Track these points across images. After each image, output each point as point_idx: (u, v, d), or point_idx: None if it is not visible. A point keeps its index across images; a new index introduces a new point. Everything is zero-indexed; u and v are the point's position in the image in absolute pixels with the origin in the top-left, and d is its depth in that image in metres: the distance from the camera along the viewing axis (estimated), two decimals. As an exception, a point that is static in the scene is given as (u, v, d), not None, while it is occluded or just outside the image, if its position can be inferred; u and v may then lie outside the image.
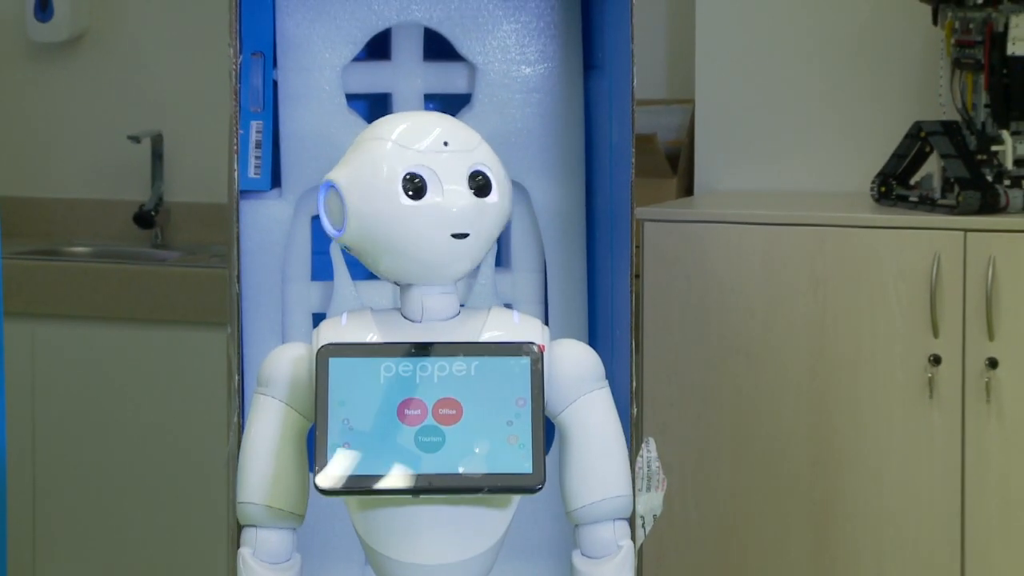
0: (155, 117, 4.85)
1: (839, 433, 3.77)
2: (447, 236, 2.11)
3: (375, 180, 2.11)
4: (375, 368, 2.12)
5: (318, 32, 3.03)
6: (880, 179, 3.92)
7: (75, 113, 4.95)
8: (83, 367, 4.49)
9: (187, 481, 4.29)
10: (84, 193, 4.92)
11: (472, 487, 2.10)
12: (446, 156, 2.12)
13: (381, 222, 2.11)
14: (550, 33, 3.07)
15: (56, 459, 4.46)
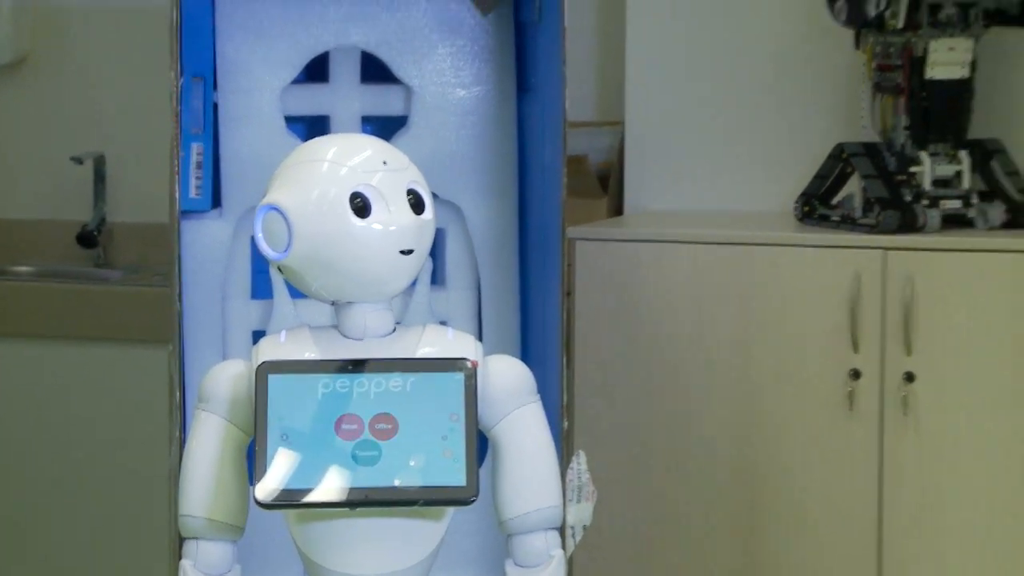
0: (97, 139, 4.84)
1: (763, 444, 3.78)
2: (395, 253, 2.12)
3: (322, 202, 2.11)
4: (313, 384, 2.13)
5: (257, 55, 3.03)
6: (803, 199, 3.95)
7: (18, 135, 4.93)
8: (27, 384, 4.48)
9: (130, 494, 4.27)
10: (27, 214, 4.91)
11: (407, 500, 2.10)
12: (385, 175, 2.13)
13: (331, 242, 2.11)
14: (484, 57, 3.08)
15: (4, 472, 4.44)
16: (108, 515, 4.38)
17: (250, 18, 3.04)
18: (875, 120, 3.89)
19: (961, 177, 3.83)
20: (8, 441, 4.46)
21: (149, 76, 3.53)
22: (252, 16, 3.04)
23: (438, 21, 3.07)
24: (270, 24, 3.05)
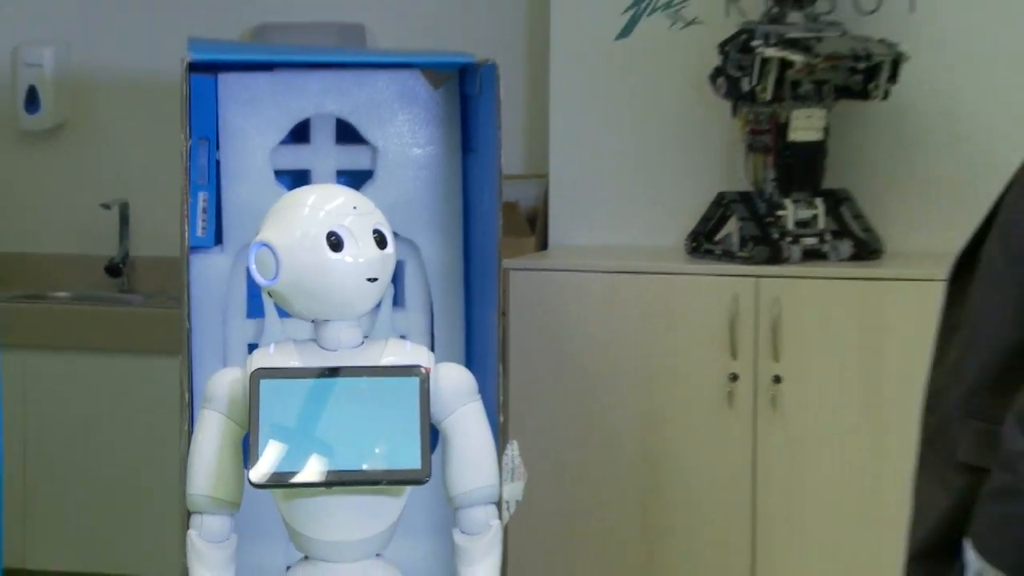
0: (122, 189, 4.80)
1: (659, 434, 3.78)
2: (363, 280, 2.13)
3: (304, 239, 2.12)
4: (297, 387, 2.13)
5: (251, 122, 3.03)
6: (692, 236, 3.94)
7: (57, 186, 4.89)
8: (64, 388, 4.45)
9: (147, 476, 4.24)
10: (65, 249, 4.86)
11: (373, 480, 2.11)
12: (355, 218, 2.14)
13: (311, 271, 2.12)
14: (435, 123, 3.08)
15: (44, 459, 4.40)
16: (131, 492, 4.34)
17: (245, 92, 3.04)
18: (749, 173, 3.90)
19: (817, 219, 3.83)
20: (48, 432, 4.41)
21: (164, 138, 3.51)
22: (247, 90, 3.04)
23: (398, 94, 3.07)
24: (262, 96, 3.04)
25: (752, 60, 3.72)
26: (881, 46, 3.82)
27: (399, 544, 2.26)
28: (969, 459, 1.95)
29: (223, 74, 3.03)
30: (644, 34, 4.17)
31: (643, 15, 4.17)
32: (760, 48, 3.72)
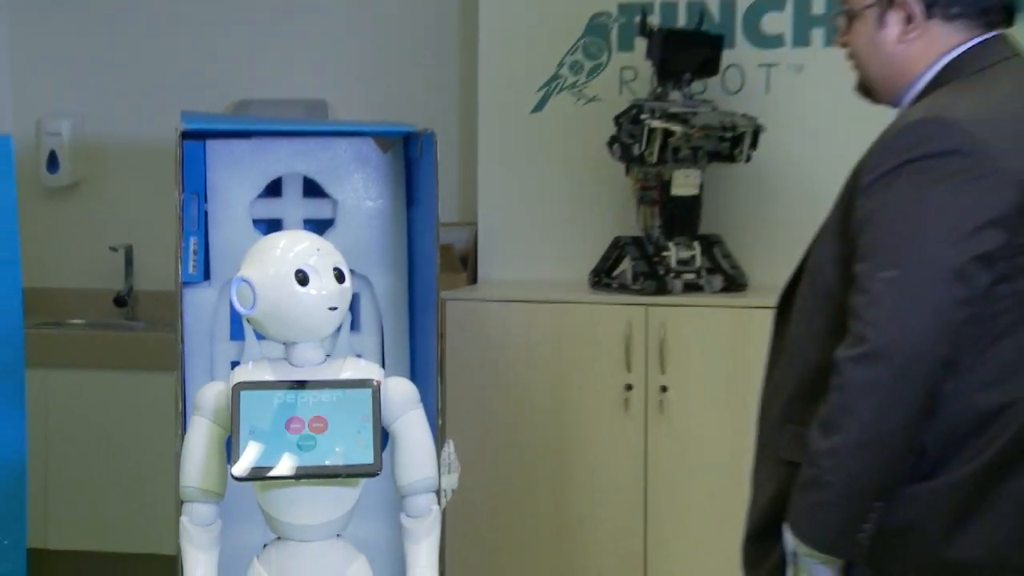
0: (127, 234, 4.77)
1: (570, 435, 3.78)
2: (325, 309, 2.11)
3: (276, 276, 2.10)
4: (270, 397, 2.11)
5: (234, 179, 3.01)
6: (594, 273, 3.95)
7: (74, 232, 4.87)
8: (78, 399, 4.41)
9: (147, 470, 4.21)
10: (79, 284, 4.83)
11: (334, 473, 2.09)
12: (318, 258, 2.12)
13: (282, 302, 2.10)
14: (385, 180, 3.08)
15: (62, 457, 4.37)
16: (134, 484, 4.31)
17: (229, 155, 3.02)
18: (639, 221, 3.91)
19: (695, 258, 3.86)
20: (65, 435, 4.38)
21: (161, 193, 3.48)
22: (230, 153, 3.02)
23: (354, 157, 3.06)
24: (242, 159, 3.03)
25: (641, 130, 3.74)
26: (744, 119, 3.85)
27: (356, 526, 2.24)
28: (788, 456, 1.98)
29: (210, 140, 3.01)
30: (554, 109, 4.19)
31: (553, 93, 4.19)
32: (647, 120, 3.74)
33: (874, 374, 1.78)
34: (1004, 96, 1.93)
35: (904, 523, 1.86)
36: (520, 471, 3.83)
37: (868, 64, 2.05)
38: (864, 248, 1.85)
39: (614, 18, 4.13)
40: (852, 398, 1.80)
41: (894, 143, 1.88)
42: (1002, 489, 1.85)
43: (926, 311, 1.77)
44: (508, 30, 4.20)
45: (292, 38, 4.68)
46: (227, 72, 4.70)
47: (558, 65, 4.18)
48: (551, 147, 4.19)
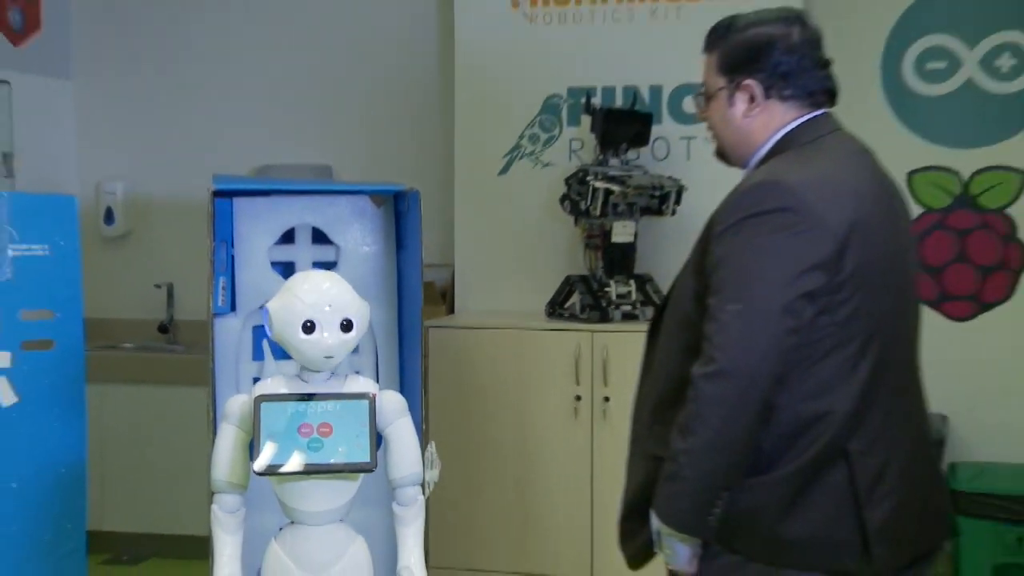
0: (169, 275, 4.77)
1: (530, 438, 3.77)
2: (322, 358, 2.10)
3: (287, 321, 2.09)
4: (285, 407, 2.10)
5: (256, 229, 3.01)
6: (549, 305, 3.95)
7: (125, 273, 4.86)
8: (129, 409, 4.39)
9: (185, 466, 4.17)
10: (131, 315, 4.82)
11: (337, 469, 2.08)
12: (327, 313, 2.10)
13: (287, 342, 2.10)
14: (379, 230, 3.08)
15: (116, 455, 4.37)
16: (174, 477, 4.30)
17: (251, 208, 3.01)
18: (586, 263, 3.92)
19: (631, 293, 3.86)
20: (118, 437, 4.36)
21: (197, 241, 3.47)
22: (252, 207, 3.01)
23: (353, 211, 3.06)
24: (262, 212, 3.02)
25: (587, 189, 3.76)
26: (669, 181, 3.88)
27: (356, 512, 2.23)
28: (654, 452, 2.00)
29: (237, 198, 3.00)
30: (516, 172, 4.20)
31: (515, 159, 4.20)
32: (592, 181, 3.76)
33: (722, 389, 1.80)
34: (827, 163, 1.95)
35: (746, 509, 1.89)
36: (489, 467, 3.81)
37: (722, 135, 2.09)
38: (715, 285, 1.87)
39: (564, 99, 4.15)
40: (704, 408, 1.82)
41: (739, 201, 1.91)
42: (821, 481, 1.88)
43: (763, 338, 1.80)
44: (479, 108, 4.21)
45: (303, 114, 4.69)
46: (250, 142, 4.71)
47: (519, 137, 4.19)
48: (514, 202, 4.19)
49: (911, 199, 4.17)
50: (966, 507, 3.86)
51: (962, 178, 4.14)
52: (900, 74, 4.17)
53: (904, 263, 2.00)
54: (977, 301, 4.15)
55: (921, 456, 2.02)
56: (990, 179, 4.11)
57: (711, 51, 2.08)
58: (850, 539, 1.88)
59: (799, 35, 2.03)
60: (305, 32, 4.67)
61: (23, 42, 4.65)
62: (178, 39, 4.80)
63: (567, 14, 4.11)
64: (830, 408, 1.87)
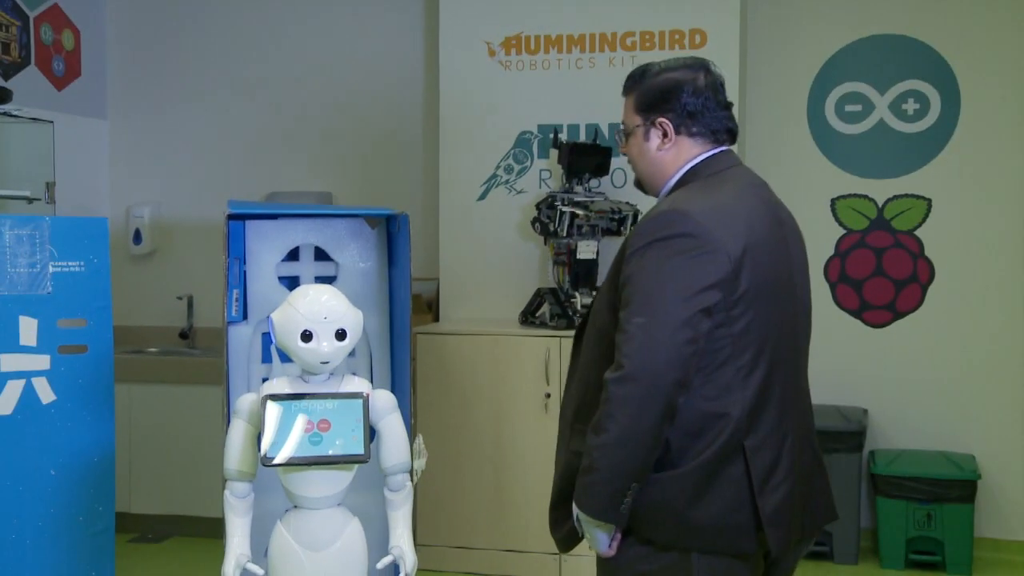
0: (189, 287, 4.72)
1: (505, 430, 3.74)
2: (319, 363, 2.06)
3: (287, 330, 2.06)
4: (289, 405, 2.05)
5: (264, 247, 2.96)
6: (522, 314, 3.92)
7: (151, 286, 4.80)
8: (154, 405, 4.31)
9: (201, 456, 4.12)
10: (156, 323, 4.78)
11: (335, 461, 2.04)
12: (323, 324, 2.06)
13: (288, 349, 2.06)
14: (372, 248, 3.04)
15: (142, 445, 4.29)
16: (193, 464, 4.22)
17: (261, 229, 2.96)
18: (555, 277, 3.89)
19: (593, 303, 3.84)
20: (143, 430, 4.28)
21: (213, 258, 3.42)
22: (262, 228, 2.96)
23: (350, 231, 3.02)
24: (271, 233, 2.97)
25: (555, 213, 3.75)
26: (627, 205, 3.86)
27: (352, 497, 2.19)
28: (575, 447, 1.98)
29: (249, 221, 2.95)
30: (493, 198, 4.17)
31: (493, 187, 4.17)
32: (560, 206, 3.76)
33: (628, 391, 1.80)
34: (726, 194, 1.96)
35: (656, 500, 1.88)
36: (470, 456, 3.77)
37: (639, 166, 2.07)
38: (625, 300, 1.86)
39: (535, 135, 4.13)
40: (614, 408, 1.81)
41: (647, 226, 1.90)
42: (722, 474, 1.87)
43: (664, 348, 1.80)
44: (461, 142, 4.19)
45: (307, 149, 4.66)
46: (261, 172, 4.68)
47: (496, 167, 4.16)
48: (491, 225, 4.16)
49: (835, 221, 4.18)
50: (883, 488, 3.87)
51: (877, 204, 4.14)
52: (823, 115, 4.19)
53: (793, 280, 2.00)
54: (893, 310, 4.16)
55: (808, 449, 2.02)
56: (901, 205, 4.13)
57: (629, 94, 2.08)
58: (747, 524, 1.88)
59: (704, 80, 2.02)
60: (310, 75, 4.65)
61: (65, 87, 4.62)
62: (198, 83, 4.77)
63: (537, 61, 4.10)
64: (727, 410, 1.86)
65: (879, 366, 4.14)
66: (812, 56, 4.19)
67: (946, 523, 3.79)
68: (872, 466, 3.93)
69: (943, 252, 4.10)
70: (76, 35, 4.67)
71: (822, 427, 3.86)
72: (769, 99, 4.21)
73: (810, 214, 4.19)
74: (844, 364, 4.16)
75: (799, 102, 4.21)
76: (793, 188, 4.18)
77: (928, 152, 4.11)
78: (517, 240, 4.12)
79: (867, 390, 4.15)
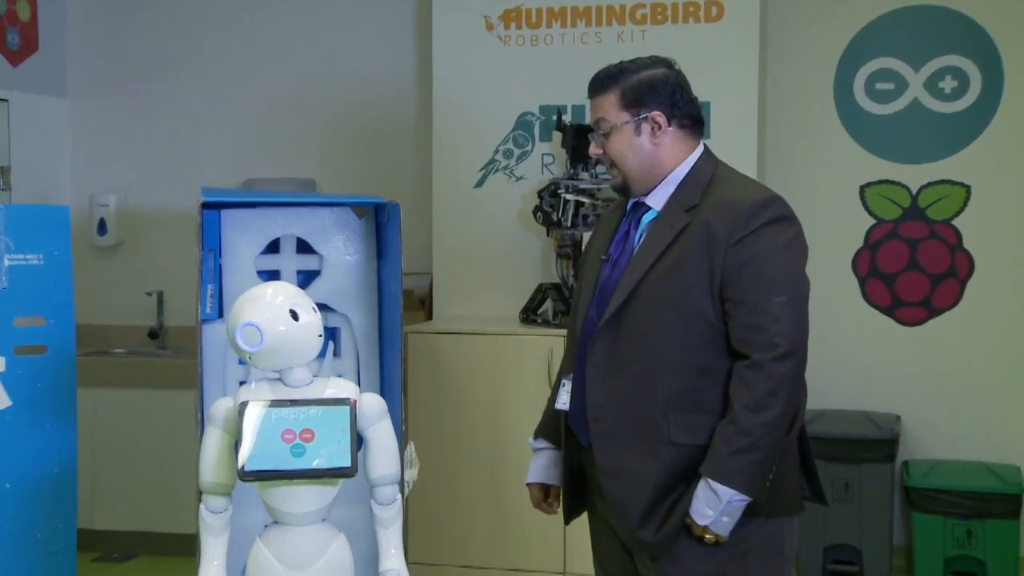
0: (159, 282, 4.72)
1: (503, 437, 3.74)
2: (316, 336, 2.10)
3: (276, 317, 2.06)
4: (269, 412, 2.05)
5: (242, 239, 2.94)
6: (523, 311, 3.92)
7: (117, 281, 4.81)
8: (120, 411, 4.32)
9: (174, 466, 4.13)
10: (123, 321, 4.78)
11: (319, 474, 2.03)
12: (298, 300, 2.09)
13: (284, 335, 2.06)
14: (360, 240, 3.02)
15: (107, 456, 4.29)
16: (163, 477, 4.23)
17: (238, 220, 2.95)
18: (558, 271, 3.89)
19: (601, 299, 3.84)
20: (108, 439, 4.29)
21: (186, 250, 3.43)
22: (240, 218, 2.95)
23: (336, 221, 3.01)
24: (249, 223, 2.96)
25: (559, 202, 3.76)
26: (638, 192, 3.86)
27: (337, 510, 2.19)
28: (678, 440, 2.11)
29: (224, 210, 2.94)
30: (492, 185, 4.17)
31: (491, 173, 4.17)
32: (563, 194, 3.76)
33: (788, 368, 2.04)
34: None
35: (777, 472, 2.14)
36: (466, 466, 3.77)
37: (627, 164, 2.21)
38: (749, 281, 2.07)
39: (536, 116, 4.12)
40: (776, 386, 2.03)
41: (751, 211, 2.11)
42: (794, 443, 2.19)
43: (805, 323, 2.09)
44: (456, 124, 4.18)
45: (288, 130, 4.65)
46: (238, 156, 4.68)
47: (494, 151, 4.16)
48: (489, 214, 4.16)
49: (865, 210, 4.18)
50: (919, 503, 3.86)
51: (911, 191, 4.14)
52: (852, 94, 4.18)
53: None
54: (928, 307, 4.15)
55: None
56: (938, 192, 4.12)
57: (605, 92, 2.22)
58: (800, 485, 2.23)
59: (677, 76, 2.24)
60: (290, 51, 4.64)
61: (20, 62, 4.59)
62: (169, 59, 4.75)
63: (539, 36, 4.09)
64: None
65: (913, 368, 4.13)
66: (839, 29, 4.18)
67: (988, 541, 3.79)
68: (906, 478, 3.93)
69: (983, 243, 4.09)
70: (32, 5, 4.65)
71: (850, 435, 3.86)
72: (792, 77, 4.20)
73: (837, 203, 4.18)
74: (874, 366, 4.15)
75: (825, 80, 4.19)
76: (819, 174, 4.18)
77: (967, 134, 4.10)
78: (517, 231, 4.11)
79: (900, 394, 4.14)
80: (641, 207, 2.25)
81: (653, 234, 2.18)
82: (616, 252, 2.25)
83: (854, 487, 3.85)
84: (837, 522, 3.86)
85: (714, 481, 2.04)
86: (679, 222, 2.15)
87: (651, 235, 2.18)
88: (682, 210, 2.16)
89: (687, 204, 2.17)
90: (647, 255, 2.16)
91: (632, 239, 2.24)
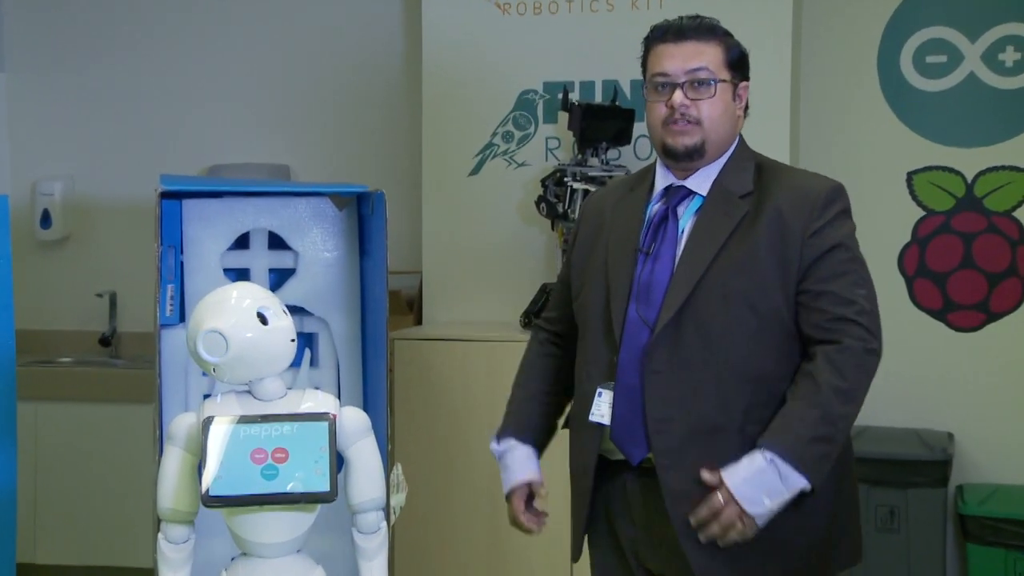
0: (111, 282, 4.75)
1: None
2: (287, 342, 2.08)
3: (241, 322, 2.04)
4: (237, 429, 2.05)
5: (207, 233, 2.96)
6: (524, 315, 3.92)
7: (63, 280, 4.84)
8: (65, 429, 4.35)
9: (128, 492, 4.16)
10: (69, 326, 4.82)
11: (294, 500, 2.03)
12: (267, 302, 2.08)
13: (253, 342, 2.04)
14: (340, 234, 3.03)
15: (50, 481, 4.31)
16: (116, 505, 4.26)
17: (203, 211, 2.96)
18: (564, 270, 3.90)
19: (613, 302, 3.85)
20: (53, 461, 4.31)
21: (142, 245, 3.44)
22: (204, 210, 2.96)
23: (313, 213, 3.02)
24: (214, 215, 2.97)
25: (565, 191, 3.76)
26: (655, 180, 3.86)
27: (315, 539, 2.19)
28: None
29: (186, 199, 2.95)
30: (489, 172, 4.18)
31: (488, 159, 4.18)
32: (570, 183, 3.77)
33: (874, 362, 2.15)
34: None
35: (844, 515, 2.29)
36: (460, 488, 3.78)
37: (718, 128, 2.23)
38: (831, 271, 2.16)
39: (540, 94, 4.13)
40: (866, 379, 2.13)
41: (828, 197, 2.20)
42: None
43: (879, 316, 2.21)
44: (448, 104, 4.19)
45: (258, 110, 4.67)
46: (201, 140, 4.69)
47: (492, 135, 4.17)
48: (486, 205, 4.17)
49: (912, 201, 4.18)
50: (975, 532, 3.86)
51: (966, 179, 4.14)
52: (898, 68, 4.18)
53: None
54: (985, 310, 4.15)
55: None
56: (996, 179, 4.12)
57: (709, 41, 2.23)
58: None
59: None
60: (261, 21, 4.65)
61: (-50, 32, 4.61)
62: (122, 30, 4.76)
63: (543, 3, 4.10)
64: None
65: (967, 380, 4.13)
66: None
67: (1052, 575, 3.80)
68: (960, 505, 3.93)
69: (1047, 239, 4.11)
70: (-34, -31, 4.67)
71: (896, 455, 3.86)
72: (831, 50, 4.21)
73: (882, 192, 4.19)
74: (924, 378, 4.16)
75: (868, 53, 4.20)
76: (861, 160, 4.18)
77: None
78: (518, 224, 4.13)
79: (953, 410, 4.15)
80: (678, 192, 2.24)
81: (706, 223, 2.19)
82: (648, 243, 2.23)
83: (900, 515, 3.85)
84: (881, 555, 3.86)
85: (787, 463, 2.05)
86: (736, 210, 2.17)
87: (703, 224, 2.19)
88: (735, 197, 2.18)
89: (740, 191, 2.19)
90: (704, 246, 2.16)
91: (672, 228, 2.22)
